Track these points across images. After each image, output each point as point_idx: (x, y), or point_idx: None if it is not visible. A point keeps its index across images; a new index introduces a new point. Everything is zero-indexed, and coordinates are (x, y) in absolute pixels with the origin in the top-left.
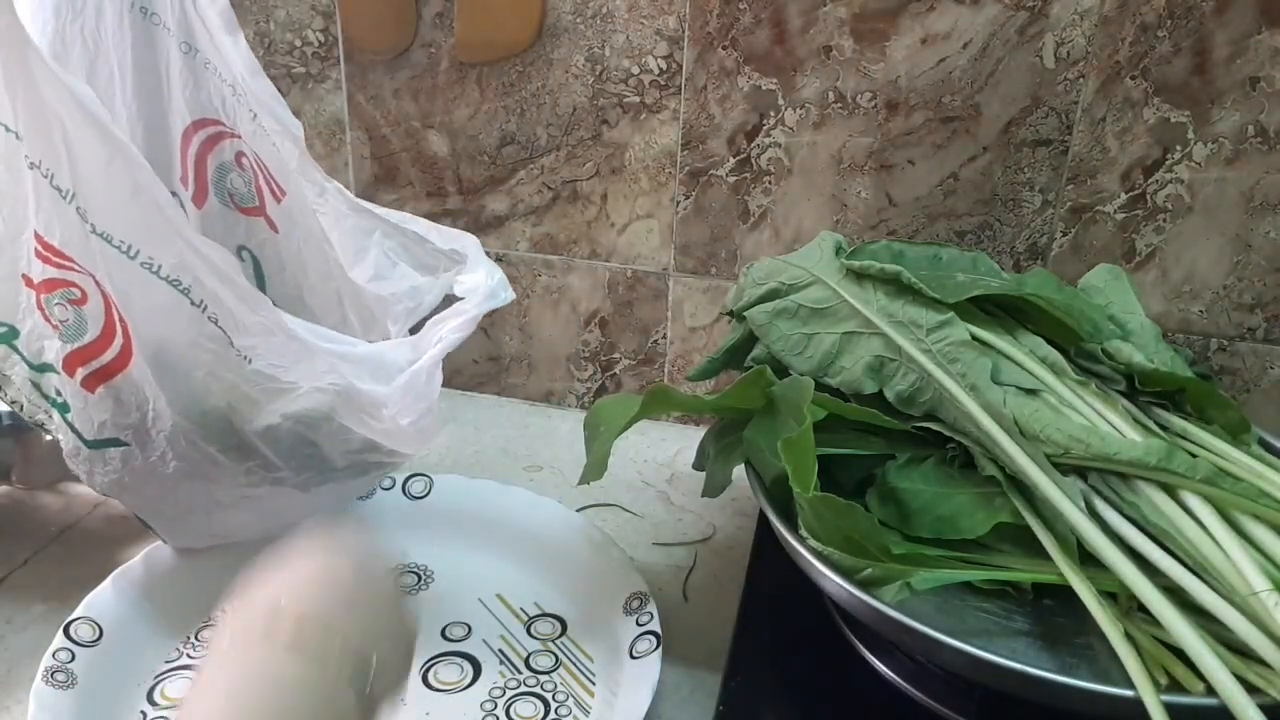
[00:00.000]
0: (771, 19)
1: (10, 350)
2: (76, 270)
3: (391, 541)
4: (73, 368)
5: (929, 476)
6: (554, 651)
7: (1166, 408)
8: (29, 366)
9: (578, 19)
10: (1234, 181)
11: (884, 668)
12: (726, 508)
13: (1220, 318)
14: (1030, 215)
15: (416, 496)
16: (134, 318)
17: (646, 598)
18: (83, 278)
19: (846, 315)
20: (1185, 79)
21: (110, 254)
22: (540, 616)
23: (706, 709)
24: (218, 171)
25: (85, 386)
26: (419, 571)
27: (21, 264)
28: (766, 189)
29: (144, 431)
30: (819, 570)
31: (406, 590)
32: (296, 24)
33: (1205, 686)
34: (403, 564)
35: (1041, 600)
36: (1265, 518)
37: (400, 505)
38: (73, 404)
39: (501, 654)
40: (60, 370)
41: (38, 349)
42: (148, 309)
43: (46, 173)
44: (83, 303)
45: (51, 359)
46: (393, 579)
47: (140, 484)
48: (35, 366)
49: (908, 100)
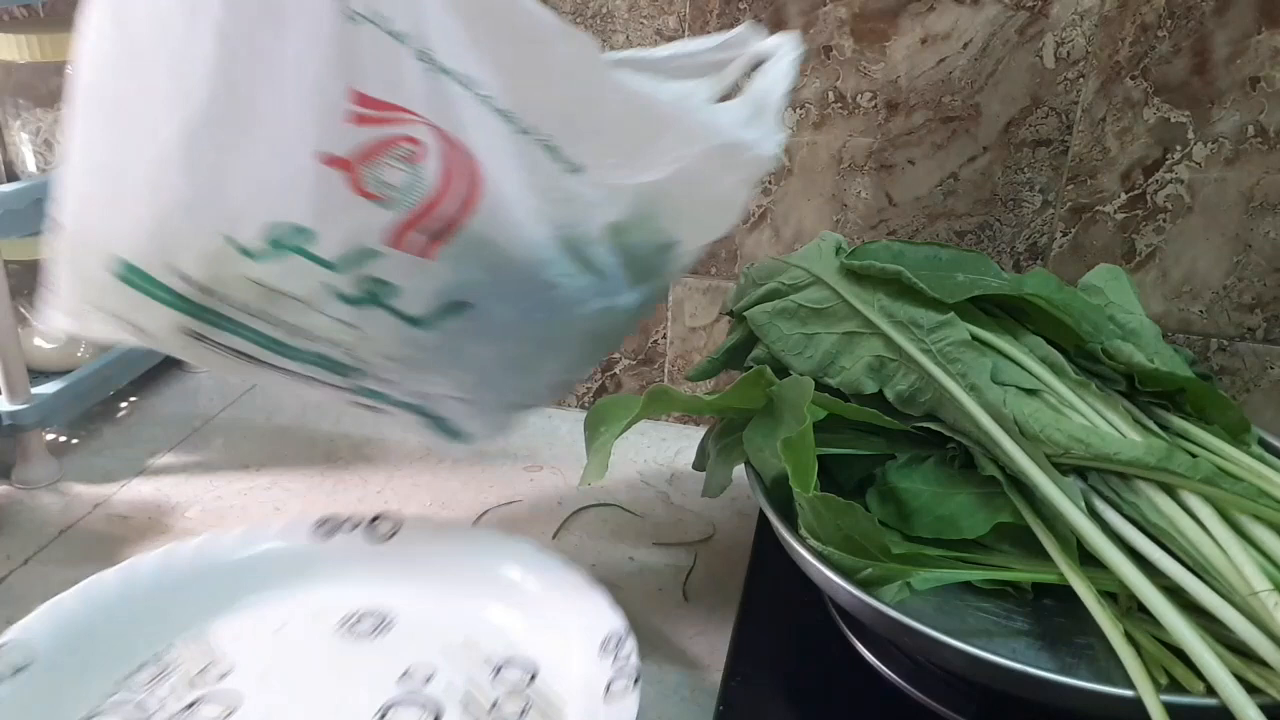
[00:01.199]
0: (771, 19)
1: (300, 257)
2: (411, 120)
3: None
4: (402, 238)
5: (929, 476)
6: (523, 696)
7: (1166, 408)
8: (327, 268)
9: (577, 19)
10: (1234, 181)
11: (884, 668)
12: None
13: (1220, 318)
14: (1030, 215)
15: (382, 538)
16: (477, 148)
17: (625, 636)
18: (417, 128)
19: (846, 315)
20: (1185, 79)
21: (455, 93)
22: (509, 662)
23: (706, 709)
24: None
25: (422, 253)
26: (379, 615)
27: (314, 143)
28: (766, 189)
29: (490, 284)
30: (819, 570)
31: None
32: None
33: (1205, 686)
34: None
35: (1041, 600)
36: (1265, 518)
37: (363, 548)
38: (401, 283)
39: (465, 702)
40: (383, 248)
41: (345, 238)
42: (488, 132)
43: (374, 17)
44: (419, 158)
45: (371, 241)
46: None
47: (479, 346)
48: (338, 264)
49: (908, 100)
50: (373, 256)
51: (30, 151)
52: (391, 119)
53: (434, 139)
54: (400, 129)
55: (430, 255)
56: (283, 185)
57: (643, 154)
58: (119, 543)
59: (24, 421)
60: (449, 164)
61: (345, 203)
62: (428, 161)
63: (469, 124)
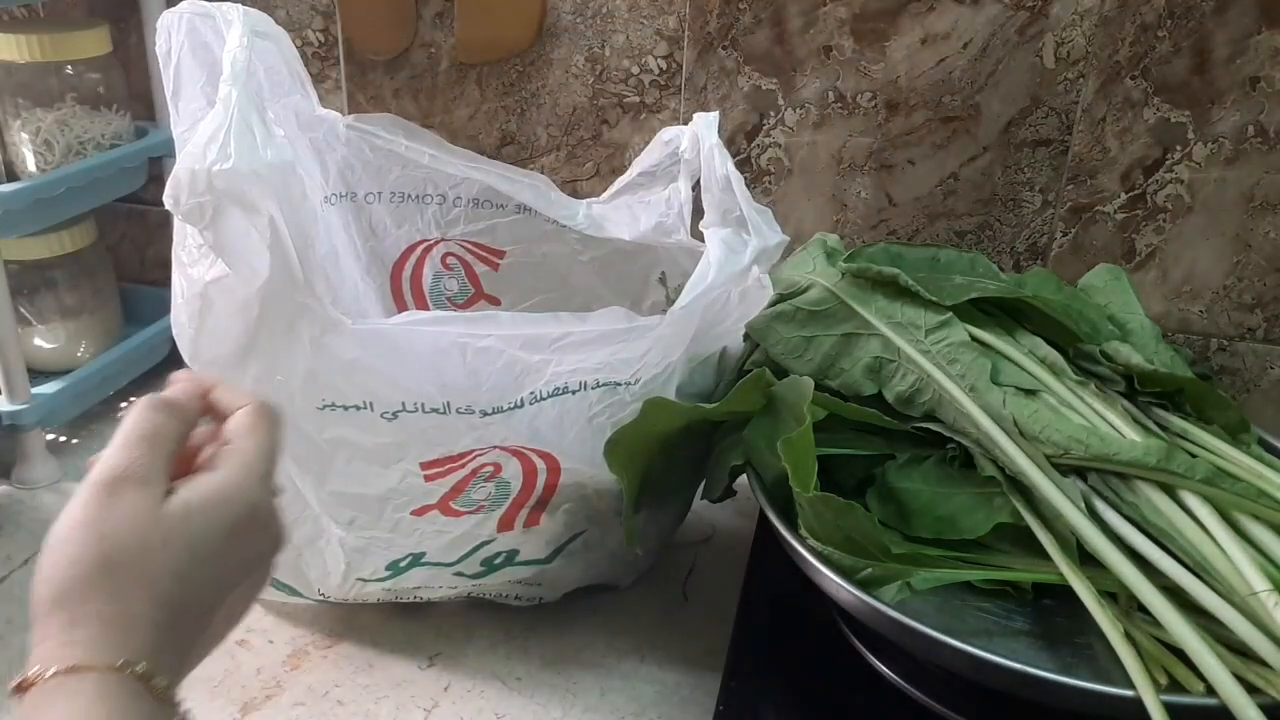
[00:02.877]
0: (771, 19)
1: (425, 567)
2: (478, 454)
3: None
4: (510, 523)
5: (929, 476)
6: None
7: (1166, 408)
8: (447, 566)
9: (578, 19)
10: (1234, 181)
11: (884, 668)
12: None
13: (1220, 318)
14: (1030, 215)
15: None
16: (546, 443)
17: None
18: (486, 455)
19: (845, 317)
20: (1185, 79)
21: (497, 419)
22: None
23: (706, 709)
24: (433, 281)
25: (529, 525)
26: None
27: (405, 508)
28: (766, 189)
29: (591, 511)
30: (819, 570)
31: None
32: (296, 24)
33: (1205, 686)
34: None
35: (1041, 600)
36: (1265, 518)
37: None
38: (522, 547)
39: None
40: (497, 534)
41: (452, 545)
42: (549, 428)
43: (415, 408)
44: (498, 473)
45: (484, 535)
46: None
47: (600, 546)
48: (455, 563)
49: (908, 100)
50: (487, 543)
51: (30, 151)
52: (458, 466)
53: (502, 453)
54: (474, 463)
55: (537, 523)
56: (386, 542)
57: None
58: None
59: (24, 421)
60: (528, 461)
61: (443, 526)
62: (507, 469)
63: (525, 426)
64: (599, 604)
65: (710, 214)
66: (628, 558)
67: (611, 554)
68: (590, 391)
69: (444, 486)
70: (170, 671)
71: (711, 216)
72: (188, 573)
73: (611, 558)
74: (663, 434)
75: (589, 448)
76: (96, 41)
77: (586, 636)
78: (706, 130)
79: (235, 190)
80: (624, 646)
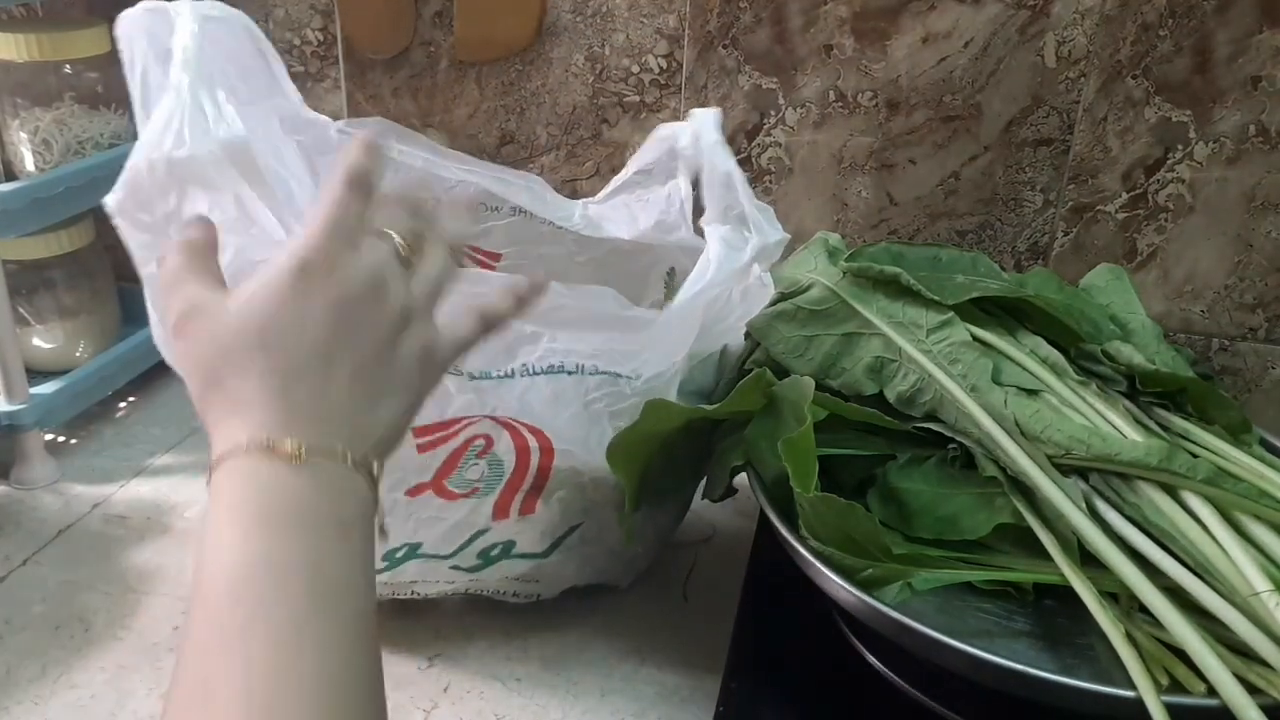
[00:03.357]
0: (772, 18)
1: (421, 560)
2: (470, 421)
3: None
4: (505, 509)
5: (930, 477)
6: None
7: (1167, 408)
8: (444, 559)
9: (577, 18)
10: (1235, 181)
11: (884, 668)
12: (726, 508)
13: (1221, 317)
14: (1031, 215)
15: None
16: (539, 419)
17: None
18: (478, 425)
19: (846, 317)
20: (1186, 78)
21: (488, 385)
22: None
23: (706, 709)
24: None
25: (524, 513)
26: None
27: (399, 485)
28: (767, 188)
29: (590, 504)
30: (819, 570)
31: None
32: (296, 23)
33: (1206, 687)
34: None
35: (1042, 601)
36: (1266, 518)
37: None
38: (518, 538)
39: None
40: (492, 522)
41: (451, 533)
42: (543, 405)
43: None
44: (490, 447)
45: (479, 523)
46: None
47: (598, 542)
48: (451, 555)
49: (909, 99)
50: (483, 534)
51: (29, 151)
52: (450, 434)
53: (494, 425)
54: (465, 432)
55: (533, 510)
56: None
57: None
58: (118, 543)
59: (22, 421)
60: (520, 437)
61: (438, 511)
62: (499, 444)
63: (516, 399)
64: (599, 604)
65: (710, 211)
66: (626, 555)
67: (609, 550)
68: (588, 377)
69: (437, 459)
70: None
71: (711, 213)
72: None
73: (609, 554)
74: (663, 434)
75: (584, 431)
76: (95, 41)
77: (586, 637)
78: (707, 126)
79: (196, 173)
80: (624, 647)
